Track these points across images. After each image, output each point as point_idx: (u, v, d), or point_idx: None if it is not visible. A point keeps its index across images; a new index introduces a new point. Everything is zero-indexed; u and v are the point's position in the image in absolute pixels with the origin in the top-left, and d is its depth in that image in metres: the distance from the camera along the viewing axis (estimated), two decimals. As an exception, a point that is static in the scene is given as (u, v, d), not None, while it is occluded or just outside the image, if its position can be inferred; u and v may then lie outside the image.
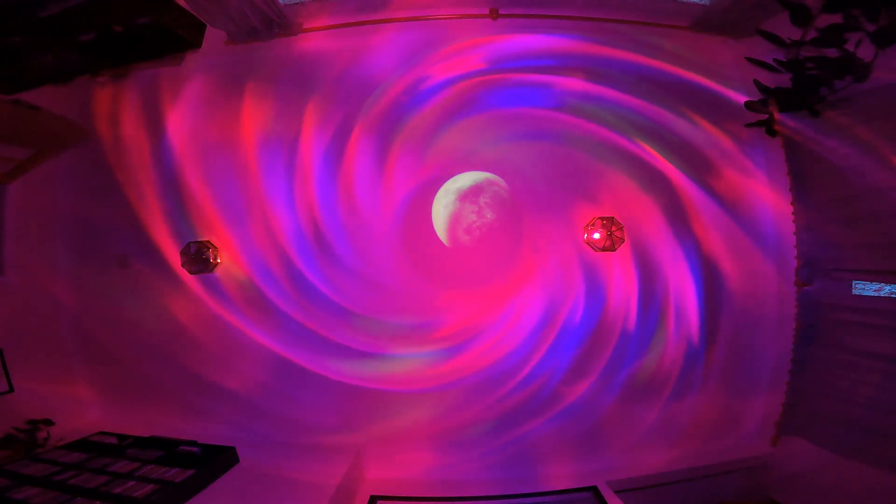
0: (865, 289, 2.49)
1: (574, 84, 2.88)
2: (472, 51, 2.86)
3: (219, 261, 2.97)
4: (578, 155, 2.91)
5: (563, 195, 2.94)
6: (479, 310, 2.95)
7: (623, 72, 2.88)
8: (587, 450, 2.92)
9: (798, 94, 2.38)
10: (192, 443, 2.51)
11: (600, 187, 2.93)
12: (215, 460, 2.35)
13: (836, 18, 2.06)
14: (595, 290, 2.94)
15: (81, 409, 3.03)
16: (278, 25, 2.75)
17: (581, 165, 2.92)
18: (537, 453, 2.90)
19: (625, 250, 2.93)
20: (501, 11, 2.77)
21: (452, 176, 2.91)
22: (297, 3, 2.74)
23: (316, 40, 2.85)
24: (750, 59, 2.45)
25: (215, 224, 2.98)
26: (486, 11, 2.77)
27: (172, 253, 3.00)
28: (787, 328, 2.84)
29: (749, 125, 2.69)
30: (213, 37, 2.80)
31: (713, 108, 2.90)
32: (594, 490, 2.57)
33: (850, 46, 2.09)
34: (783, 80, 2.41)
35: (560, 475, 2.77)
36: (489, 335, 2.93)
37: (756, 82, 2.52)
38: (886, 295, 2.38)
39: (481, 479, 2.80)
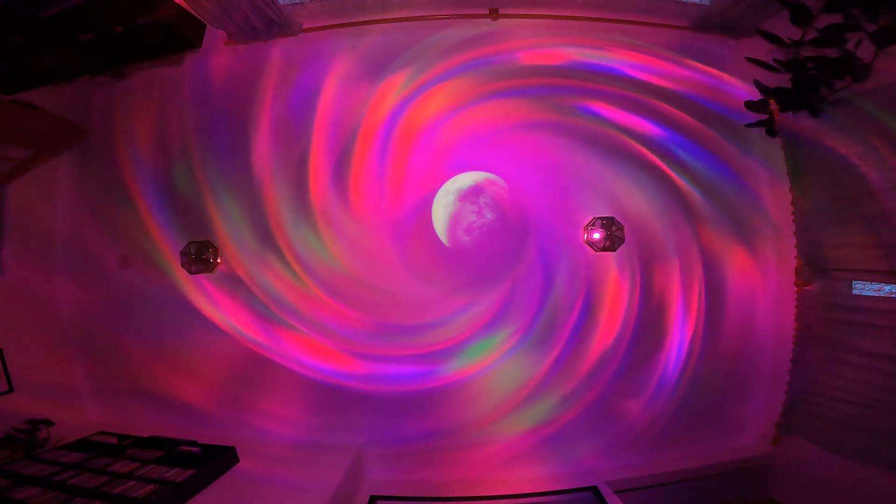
0: (865, 289, 2.49)
1: (573, 84, 2.89)
2: (472, 51, 2.86)
3: (219, 261, 2.97)
4: (578, 154, 2.91)
5: (562, 195, 2.94)
6: (475, 311, 2.95)
7: (622, 71, 2.89)
8: (587, 450, 2.92)
9: (798, 94, 2.38)
10: (192, 443, 2.51)
11: (599, 187, 2.93)
12: (215, 460, 2.35)
13: (836, 18, 2.06)
14: (593, 290, 2.94)
15: (81, 410, 3.04)
16: (278, 25, 2.75)
17: (580, 165, 2.92)
18: (537, 453, 2.90)
19: (623, 250, 2.93)
20: (501, 11, 2.77)
21: (452, 176, 2.91)
22: (297, 3, 2.74)
23: (316, 40, 2.85)
24: (750, 59, 2.46)
25: (216, 225, 2.98)
26: (486, 11, 2.77)
27: (172, 253, 3.00)
28: (787, 328, 2.84)
29: (749, 125, 2.69)
30: (213, 37, 2.81)
31: (713, 108, 2.90)
32: (594, 490, 2.57)
33: (850, 46, 2.09)
34: (783, 80, 2.41)
35: (560, 475, 2.77)
36: (488, 337, 2.93)
37: (756, 82, 2.52)
38: (886, 295, 2.38)
39: (481, 478, 2.81)
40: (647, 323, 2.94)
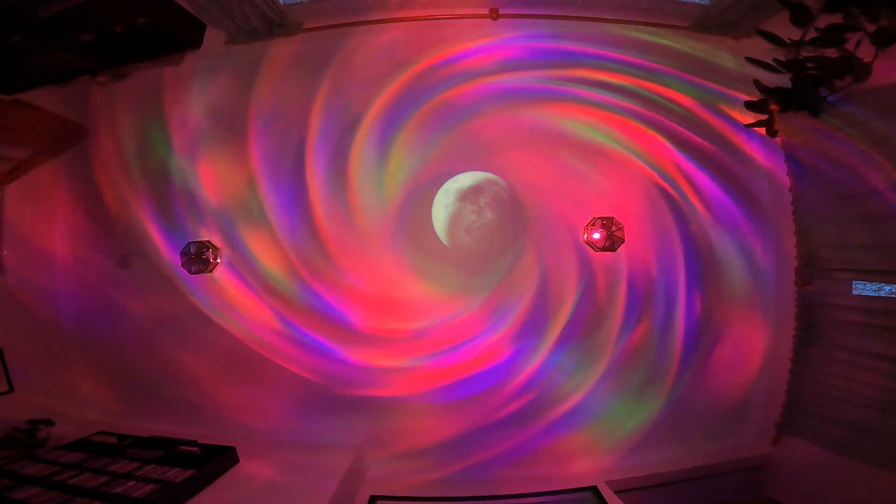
0: (865, 289, 2.49)
1: (574, 86, 2.89)
2: (472, 51, 2.86)
3: (219, 261, 2.97)
4: (578, 155, 2.92)
5: (562, 195, 2.94)
6: (475, 311, 2.94)
7: (623, 72, 2.88)
8: (587, 450, 2.91)
9: (798, 94, 2.38)
10: (192, 443, 2.51)
11: (600, 187, 2.93)
12: (215, 460, 2.35)
13: (836, 18, 2.06)
14: (593, 291, 2.94)
15: (81, 409, 3.03)
16: (278, 25, 2.74)
17: (581, 165, 2.92)
18: (537, 453, 2.90)
19: (623, 250, 2.93)
20: (501, 11, 2.77)
21: (453, 176, 2.91)
22: (297, 3, 2.74)
23: (316, 40, 2.85)
24: (750, 59, 2.45)
25: (215, 225, 2.97)
26: (486, 11, 2.77)
27: (172, 253, 3.00)
28: (787, 328, 2.83)
29: (749, 125, 2.69)
30: (214, 37, 2.80)
31: (713, 108, 2.90)
32: (594, 490, 2.57)
33: (850, 46, 2.09)
34: (783, 80, 2.41)
35: (560, 475, 2.77)
36: (488, 337, 2.93)
37: (756, 82, 2.52)
38: (886, 295, 2.38)
39: (481, 478, 2.81)
40: (647, 324, 2.94)
